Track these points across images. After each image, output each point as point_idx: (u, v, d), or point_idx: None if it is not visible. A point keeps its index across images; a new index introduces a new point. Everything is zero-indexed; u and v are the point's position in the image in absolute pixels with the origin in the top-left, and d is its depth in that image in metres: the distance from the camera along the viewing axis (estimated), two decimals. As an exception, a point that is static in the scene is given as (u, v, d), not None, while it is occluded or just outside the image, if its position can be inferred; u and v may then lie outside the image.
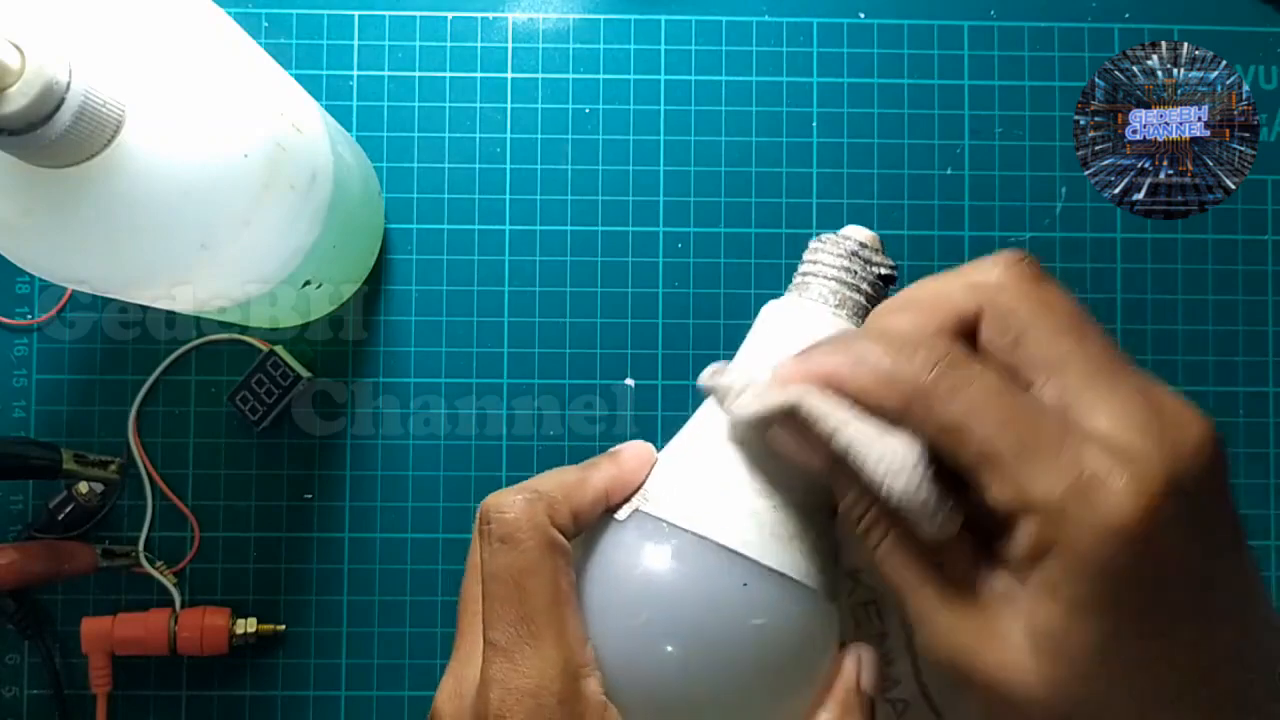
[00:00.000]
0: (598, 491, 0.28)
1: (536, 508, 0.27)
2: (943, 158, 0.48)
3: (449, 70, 0.47)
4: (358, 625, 0.46)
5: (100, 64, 0.28)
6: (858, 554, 0.28)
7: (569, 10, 0.48)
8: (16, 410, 0.46)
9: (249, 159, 0.31)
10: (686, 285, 0.47)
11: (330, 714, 0.46)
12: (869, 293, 0.30)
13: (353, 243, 0.43)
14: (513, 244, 0.47)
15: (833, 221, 0.47)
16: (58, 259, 0.31)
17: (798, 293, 0.30)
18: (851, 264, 0.30)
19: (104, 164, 0.28)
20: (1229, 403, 0.47)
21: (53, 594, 0.46)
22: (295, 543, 0.46)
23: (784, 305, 0.30)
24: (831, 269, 0.30)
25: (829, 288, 0.29)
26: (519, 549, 0.26)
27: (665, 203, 0.47)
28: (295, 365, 0.45)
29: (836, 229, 0.30)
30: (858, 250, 0.30)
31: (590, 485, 0.28)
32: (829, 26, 0.48)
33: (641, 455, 0.30)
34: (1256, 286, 0.47)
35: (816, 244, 0.30)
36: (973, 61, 0.48)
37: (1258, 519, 0.47)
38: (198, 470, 0.46)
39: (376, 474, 0.46)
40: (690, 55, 0.48)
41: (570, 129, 0.47)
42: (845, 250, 0.30)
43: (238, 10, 0.46)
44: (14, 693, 0.45)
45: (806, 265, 0.30)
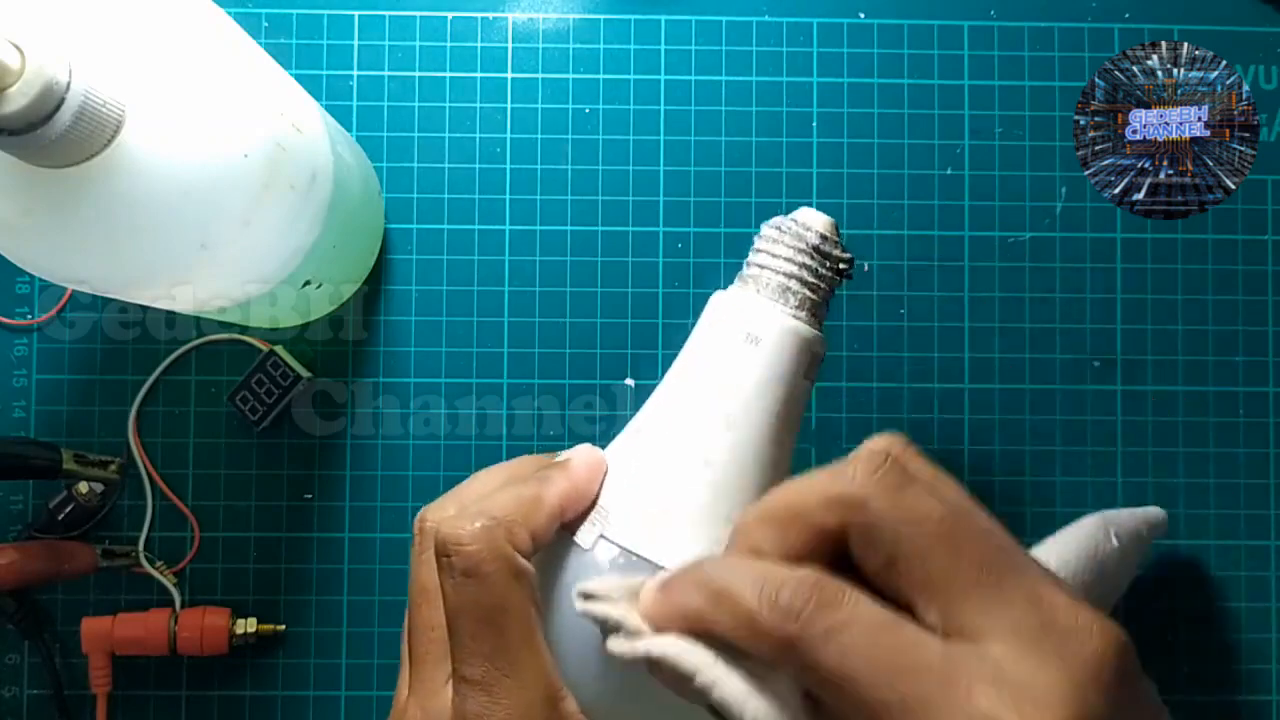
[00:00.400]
0: (553, 510, 0.27)
1: (497, 535, 0.26)
2: (943, 158, 0.48)
3: (449, 70, 0.47)
4: (358, 625, 0.46)
5: (100, 64, 0.28)
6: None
7: (569, 10, 0.48)
8: (16, 410, 0.46)
9: (249, 159, 0.31)
10: (686, 285, 0.47)
11: (330, 714, 0.46)
12: (825, 290, 0.28)
13: (353, 243, 0.43)
14: (513, 244, 0.47)
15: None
16: (58, 259, 0.31)
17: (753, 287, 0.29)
18: (811, 260, 0.28)
19: (104, 164, 0.28)
20: (1229, 403, 0.47)
21: (53, 594, 0.46)
22: (295, 543, 0.46)
23: (740, 303, 0.29)
24: (791, 264, 0.28)
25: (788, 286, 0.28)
26: (485, 583, 0.25)
27: (665, 203, 0.47)
28: (295, 365, 0.45)
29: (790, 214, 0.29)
30: (819, 244, 0.28)
31: (546, 504, 0.27)
32: (829, 26, 0.48)
33: (593, 464, 0.29)
34: (1256, 286, 0.47)
35: (772, 233, 0.29)
36: (973, 61, 0.48)
37: (1258, 519, 0.47)
38: (198, 470, 0.46)
39: (376, 474, 0.46)
40: (690, 55, 0.48)
41: (570, 129, 0.47)
42: (806, 245, 0.28)
43: (238, 10, 0.46)
44: (14, 693, 0.45)
45: (762, 256, 0.29)
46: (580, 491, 0.28)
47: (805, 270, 0.28)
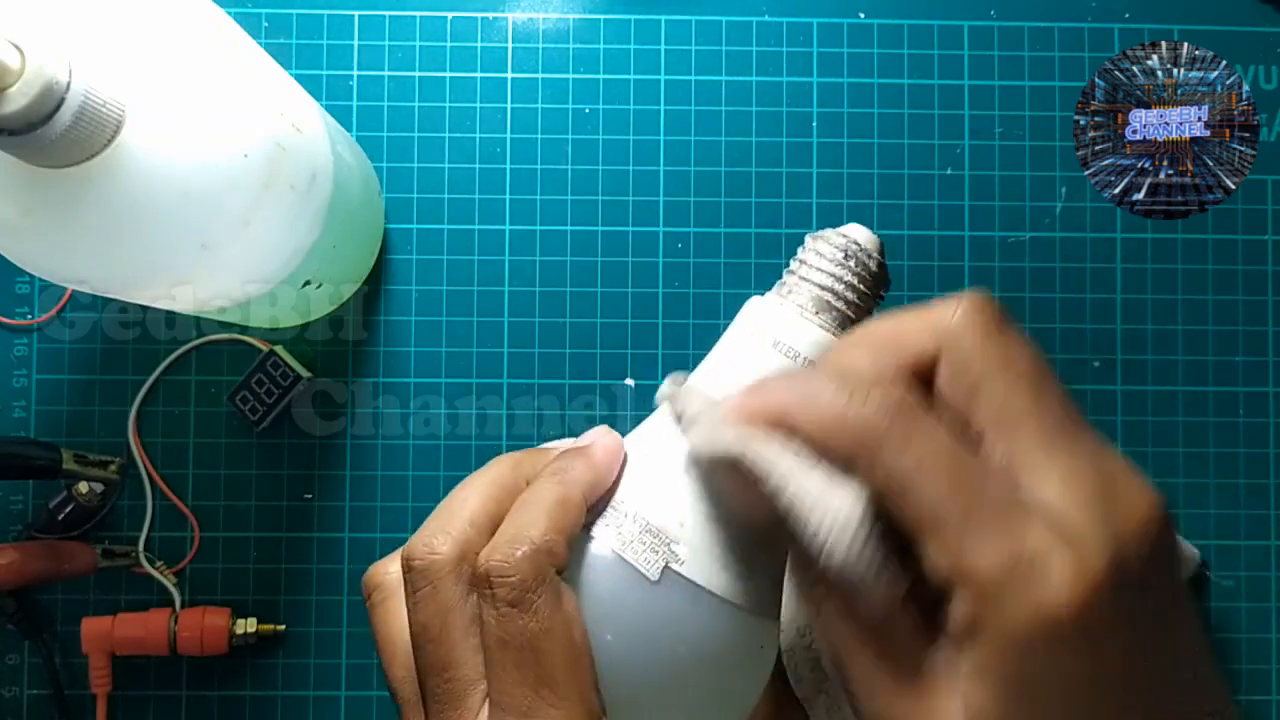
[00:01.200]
0: (581, 509, 0.27)
1: (541, 561, 0.25)
2: (943, 158, 0.48)
3: (449, 70, 0.47)
4: (358, 625, 0.46)
5: (100, 64, 0.28)
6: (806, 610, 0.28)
7: (569, 10, 0.48)
8: (16, 410, 0.46)
9: (249, 159, 0.31)
10: (686, 285, 0.47)
11: (330, 714, 0.46)
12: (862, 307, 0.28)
13: (353, 243, 0.43)
14: (513, 244, 0.47)
15: (833, 221, 0.47)
16: (58, 259, 0.31)
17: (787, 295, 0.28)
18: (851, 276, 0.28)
19: (104, 164, 0.28)
20: (1229, 403, 0.47)
21: (53, 594, 0.46)
22: (295, 543, 0.46)
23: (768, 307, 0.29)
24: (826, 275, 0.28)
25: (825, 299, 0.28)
26: (531, 610, 0.25)
27: (665, 203, 0.47)
28: (295, 365, 0.45)
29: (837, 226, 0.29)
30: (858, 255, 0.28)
31: (574, 506, 0.27)
32: (829, 26, 0.48)
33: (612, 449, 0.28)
34: (1256, 286, 0.47)
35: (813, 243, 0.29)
36: (973, 61, 0.48)
37: (1258, 519, 0.47)
38: (198, 470, 0.46)
39: (376, 474, 0.46)
40: (690, 55, 0.48)
41: (570, 129, 0.47)
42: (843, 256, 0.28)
43: (238, 10, 0.46)
44: (14, 693, 0.45)
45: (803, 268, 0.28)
46: (601, 481, 0.28)
47: (845, 286, 0.28)
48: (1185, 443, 0.47)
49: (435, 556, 0.26)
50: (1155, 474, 0.47)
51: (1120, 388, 0.47)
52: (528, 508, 0.26)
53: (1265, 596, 0.47)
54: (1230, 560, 0.47)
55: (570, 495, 0.27)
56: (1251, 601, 0.47)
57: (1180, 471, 0.47)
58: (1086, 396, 0.47)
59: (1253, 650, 0.47)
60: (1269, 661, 0.47)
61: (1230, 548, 0.47)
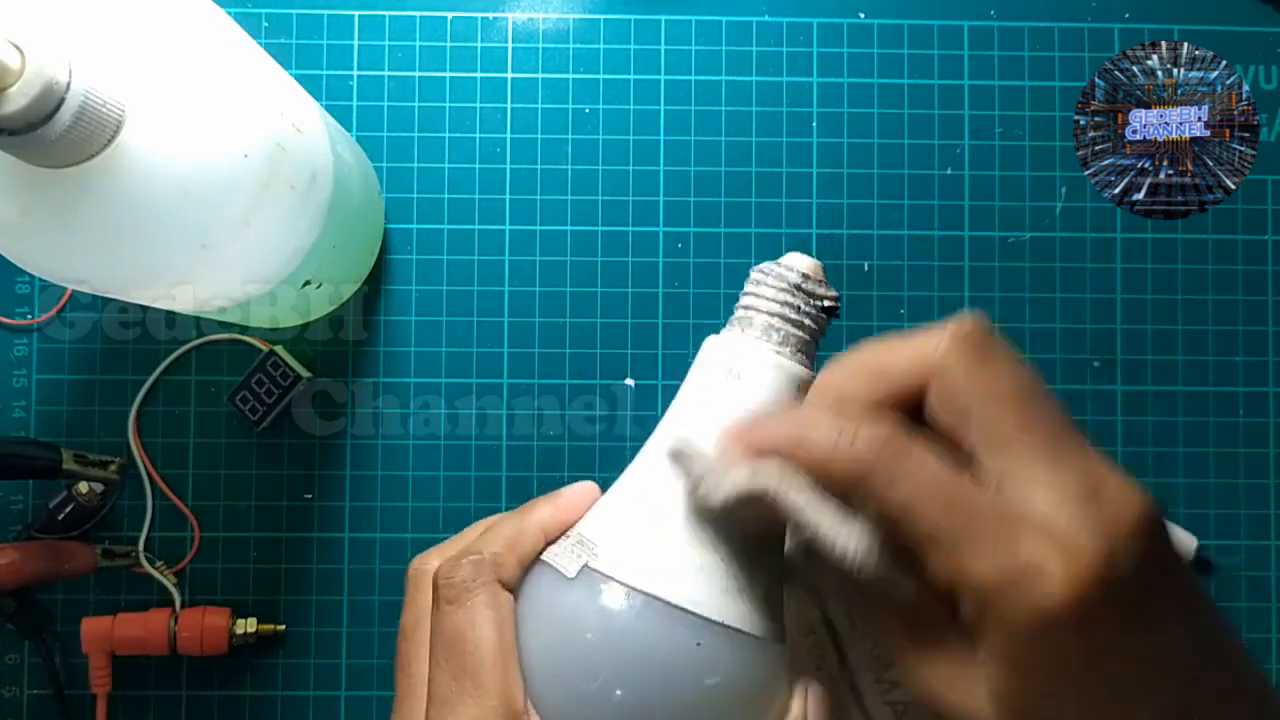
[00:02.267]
0: (537, 538, 0.29)
1: (482, 567, 0.28)
2: (943, 158, 0.48)
3: (449, 70, 0.47)
4: (358, 625, 0.46)
5: (100, 64, 0.28)
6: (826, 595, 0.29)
7: (569, 10, 0.48)
8: (16, 410, 0.46)
9: (249, 159, 0.31)
10: (686, 285, 0.47)
11: (330, 714, 0.46)
12: (812, 327, 0.29)
13: (353, 243, 0.43)
14: (513, 244, 0.47)
15: (832, 221, 0.47)
16: (58, 259, 0.31)
17: (740, 328, 0.29)
18: (794, 298, 0.29)
19: (104, 164, 0.28)
20: (1229, 403, 0.47)
21: (53, 594, 0.46)
22: (295, 543, 0.46)
23: (727, 343, 0.30)
24: (774, 304, 0.29)
25: (772, 324, 0.29)
26: (464, 608, 0.27)
27: (665, 203, 0.47)
28: (295, 365, 0.45)
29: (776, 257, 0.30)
30: (801, 283, 0.29)
31: (529, 533, 0.29)
32: (829, 26, 0.48)
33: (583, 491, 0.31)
34: (1256, 286, 0.47)
35: (758, 275, 0.30)
36: (973, 61, 0.48)
37: (1258, 519, 0.47)
38: (198, 470, 0.46)
39: (376, 474, 0.46)
40: (690, 55, 0.48)
41: (570, 129, 0.47)
42: (788, 284, 0.29)
43: (238, 10, 0.46)
44: (14, 693, 0.45)
45: (748, 299, 0.30)
46: (562, 516, 0.30)
47: (789, 308, 0.29)
48: (1185, 443, 0.47)
49: (424, 568, 0.30)
50: (1155, 474, 0.47)
51: (1120, 388, 0.47)
52: (489, 532, 0.30)
53: (1265, 597, 0.47)
54: (1230, 560, 0.47)
55: (526, 525, 0.29)
56: (1251, 602, 0.47)
57: (1180, 471, 0.47)
58: (1086, 396, 0.47)
59: (1252, 650, 0.46)
60: (1269, 661, 0.47)
61: (1230, 548, 0.47)
